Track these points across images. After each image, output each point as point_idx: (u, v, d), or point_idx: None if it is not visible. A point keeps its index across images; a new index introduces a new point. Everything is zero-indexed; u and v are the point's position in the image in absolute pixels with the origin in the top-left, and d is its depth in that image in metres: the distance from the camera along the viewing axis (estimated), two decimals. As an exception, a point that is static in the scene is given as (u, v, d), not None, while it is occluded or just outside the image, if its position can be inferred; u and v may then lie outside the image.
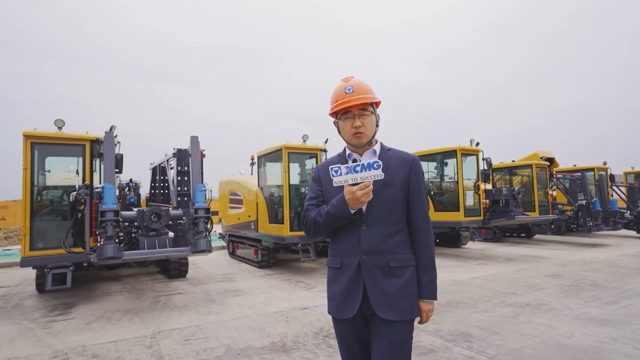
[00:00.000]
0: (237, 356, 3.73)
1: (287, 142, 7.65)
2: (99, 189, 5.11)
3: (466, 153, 10.05)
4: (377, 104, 1.85)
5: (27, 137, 5.57)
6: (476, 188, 9.98)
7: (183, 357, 3.73)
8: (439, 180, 11.00)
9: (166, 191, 9.58)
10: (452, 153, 10.05)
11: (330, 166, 1.67)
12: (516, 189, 10.13)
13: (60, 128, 5.75)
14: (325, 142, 8.19)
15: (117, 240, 5.32)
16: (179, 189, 6.41)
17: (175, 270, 7.67)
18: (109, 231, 4.90)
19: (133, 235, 5.77)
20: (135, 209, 5.62)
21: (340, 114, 1.81)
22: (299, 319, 4.89)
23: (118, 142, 6.01)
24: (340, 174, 1.63)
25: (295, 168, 8.82)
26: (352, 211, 1.68)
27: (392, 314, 1.68)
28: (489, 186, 10.73)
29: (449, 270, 8.12)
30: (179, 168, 6.39)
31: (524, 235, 14.32)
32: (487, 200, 10.28)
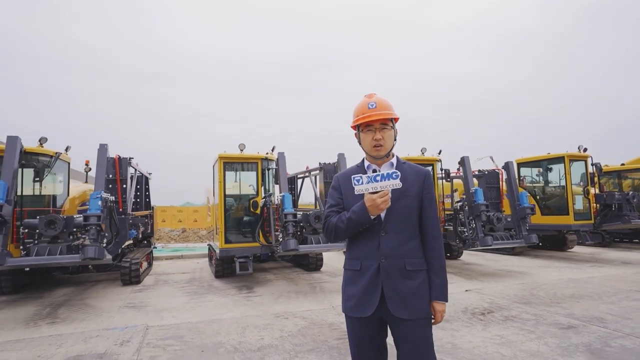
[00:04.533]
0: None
1: (408, 154, 8.82)
2: (280, 197, 6.69)
3: (574, 159, 10.33)
4: (396, 119, 2.00)
5: (221, 157, 7.45)
6: (585, 192, 10.20)
7: (370, 321, 5.03)
8: (544, 185, 11.32)
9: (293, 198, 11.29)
10: (559, 159, 10.39)
11: (353, 175, 1.84)
12: (630, 192, 10.14)
13: (242, 150, 7.54)
14: (439, 154, 9.19)
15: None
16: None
17: (313, 264, 9.17)
18: (290, 229, 6.45)
19: (299, 233, 7.31)
20: (301, 212, 7.15)
21: (362, 127, 1.96)
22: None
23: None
24: (362, 183, 1.79)
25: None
26: (372, 217, 1.83)
27: (406, 312, 1.81)
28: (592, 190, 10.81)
29: (561, 270, 8.58)
30: (325, 180, 7.86)
31: (637, 240, 13.77)
32: (597, 205, 10.42)
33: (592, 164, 10.33)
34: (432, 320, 1.91)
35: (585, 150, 10.42)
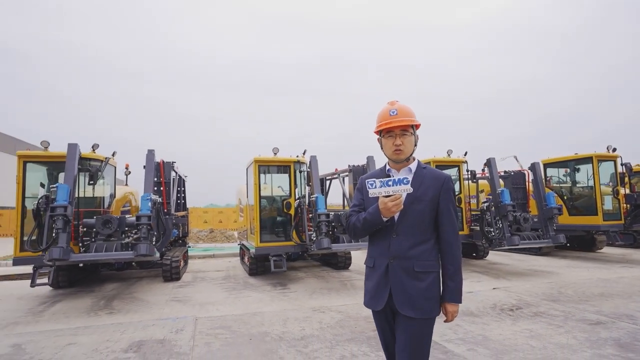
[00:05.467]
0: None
1: (434, 156, 9.04)
2: (313, 198, 7.04)
3: (602, 159, 10.29)
4: (417, 126, 2.07)
5: (256, 161, 7.87)
6: (615, 192, 10.14)
7: (402, 315, 5.31)
8: (571, 185, 11.29)
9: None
10: (587, 159, 10.36)
11: (367, 180, 1.96)
12: (661, 192, 10.03)
13: (275, 154, 7.94)
14: (465, 155, 9.36)
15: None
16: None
17: (341, 262, 9.49)
18: (323, 228, 6.79)
19: (331, 232, 7.64)
20: (332, 213, 7.49)
21: (384, 132, 2.06)
22: (469, 298, 6.19)
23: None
24: (375, 187, 1.90)
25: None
26: (385, 219, 1.93)
27: (412, 312, 1.89)
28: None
29: (590, 270, 8.61)
30: (354, 181, 8.17)
31: (669, 241, 13.46)
32: (627, 205, 10.35)
33: (622, 164, 10.27)
34: (444, 320, 2.02)
35: (614, 150, 10.36)
